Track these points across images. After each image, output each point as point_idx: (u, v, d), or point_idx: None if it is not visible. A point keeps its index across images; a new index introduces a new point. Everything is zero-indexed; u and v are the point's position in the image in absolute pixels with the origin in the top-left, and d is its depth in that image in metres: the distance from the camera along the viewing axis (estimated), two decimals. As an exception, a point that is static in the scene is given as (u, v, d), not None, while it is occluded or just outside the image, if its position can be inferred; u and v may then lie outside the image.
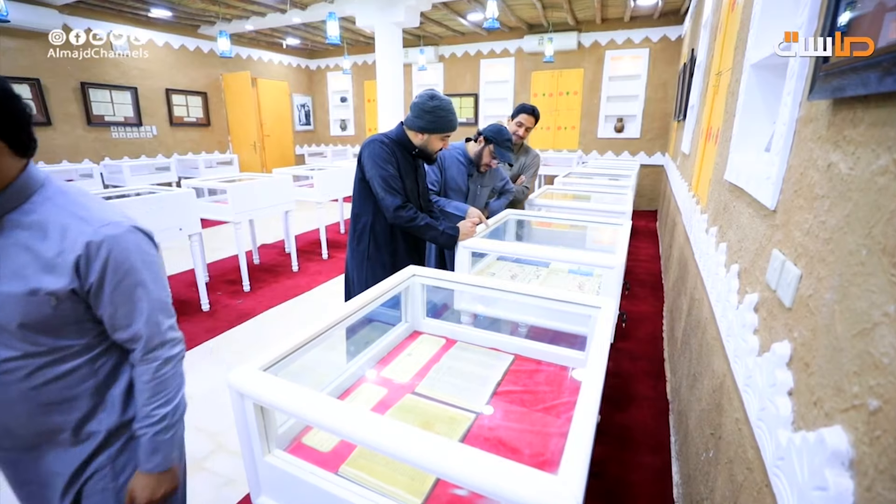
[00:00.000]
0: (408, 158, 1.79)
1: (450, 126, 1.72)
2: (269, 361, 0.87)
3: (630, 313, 3.23)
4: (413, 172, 1.83)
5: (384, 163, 1.68)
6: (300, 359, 1.00)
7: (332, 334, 1.06)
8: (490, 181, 2.39)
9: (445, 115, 1.70)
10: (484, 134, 2.13)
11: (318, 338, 1.01)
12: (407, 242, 1.86)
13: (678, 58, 6.33)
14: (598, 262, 1.42)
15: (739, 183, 1.28)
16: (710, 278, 1.54)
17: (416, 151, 1.78)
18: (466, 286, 1.24)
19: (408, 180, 1.77)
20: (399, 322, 1.35)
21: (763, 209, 1.03)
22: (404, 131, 1.77)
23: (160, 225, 2.88)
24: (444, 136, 1.75)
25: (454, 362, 1.17)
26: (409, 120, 1.75)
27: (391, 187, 1.67)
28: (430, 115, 1.68)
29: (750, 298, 0.99)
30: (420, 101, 1.70)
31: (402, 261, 1.84)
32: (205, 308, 3.27)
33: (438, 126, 1.70)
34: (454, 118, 1.73)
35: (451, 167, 2.21)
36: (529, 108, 2.65)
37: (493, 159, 2.15)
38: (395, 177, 1.68)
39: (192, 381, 2.41)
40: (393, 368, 1.16)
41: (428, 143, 1.76)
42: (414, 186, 1.83)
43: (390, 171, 1.68)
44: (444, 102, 1.69)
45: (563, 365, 1.17)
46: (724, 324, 1.21)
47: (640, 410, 2.14)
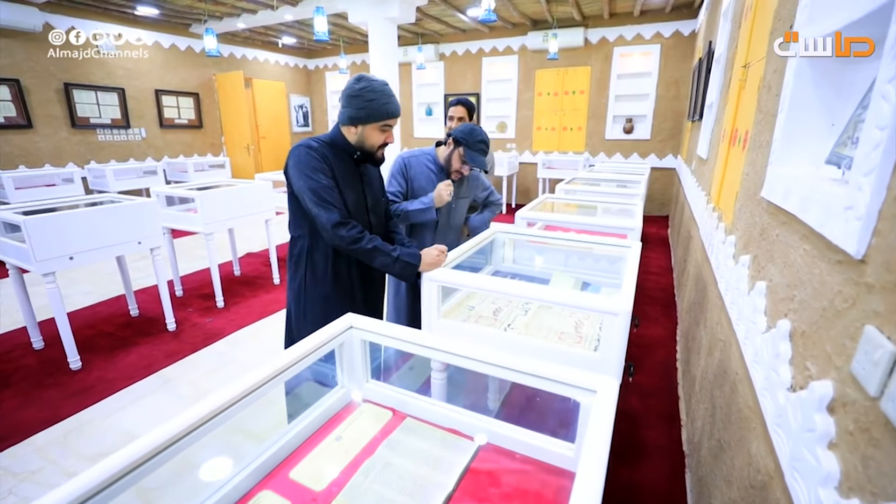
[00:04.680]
0: (348, 164, 1.46)
1: (386, 111, 1.38)
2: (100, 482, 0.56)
3: (639, 337, 2.88)
4: (357, 182, 1.49)
5: (313, 172, 1.35)
6: (176, 456, 0.69)
7: (227, 415, 0.75)
8: (468, 191, 2.05)
9: (378, 97, 1.36)
10: (454, 135, 1.81)
11: (196, 431, 0.70)
12: (355, 270, 1.53)
13: (692, 54, 5.95)
14: (598, 307, 1.09)
15: (788, 206, 0.95)
16: (741, 322, 1.21)
17: (357, 155, 1.45)
18: (419, 347, 0.92)
19: (349, 192, 1.44)
20: (335, 386, 1.04)
21: (837, 252, 0.69)
22: (340, 132, 1.44)
23: (115, 239, 2.60)
24: (382, 125, 1.41)
25: (394, 455, 0.86)
26: (339, 114, 1.42)
27: (325, 200, 1.34)
28: (359, 100, 1.36)
29: (820, 389, 0.66)
30: (346, 87, 1.38)
31: (347, 294, 1.52)
32: (170, 328, 2.99)
33: (371, 112, 1.37)
34: (391, 102, 1.40)
35: (418, 176, 1.88)
36: (457, 100, 2.42)
37: (463, 165, 1.82)
38: (328, 188, 1.36)
39: (136, 419, 2.15)
40: (310, 465, 0.85)
41: (365, 138, 1.42)
42: (359, 199, 1.49)
43: (322, 181, 1.36)
44: (375, 83, 1.37)
45: (544, 462, 0.84)
46: (768, 403, 0.88)
47: (650, 465, 1.81)
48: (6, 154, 5.24)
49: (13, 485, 1.72)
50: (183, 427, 0.68)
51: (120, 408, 2.19)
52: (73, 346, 2.49)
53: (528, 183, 7.69)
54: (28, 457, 1.86)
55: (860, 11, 0.75)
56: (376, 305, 1.68)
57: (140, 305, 3.31)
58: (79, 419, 2.09)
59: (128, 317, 3.22)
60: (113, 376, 2.45)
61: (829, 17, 0.90)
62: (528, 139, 7.57)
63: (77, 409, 2.16)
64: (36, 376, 2.45)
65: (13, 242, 2.40)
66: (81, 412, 2.14)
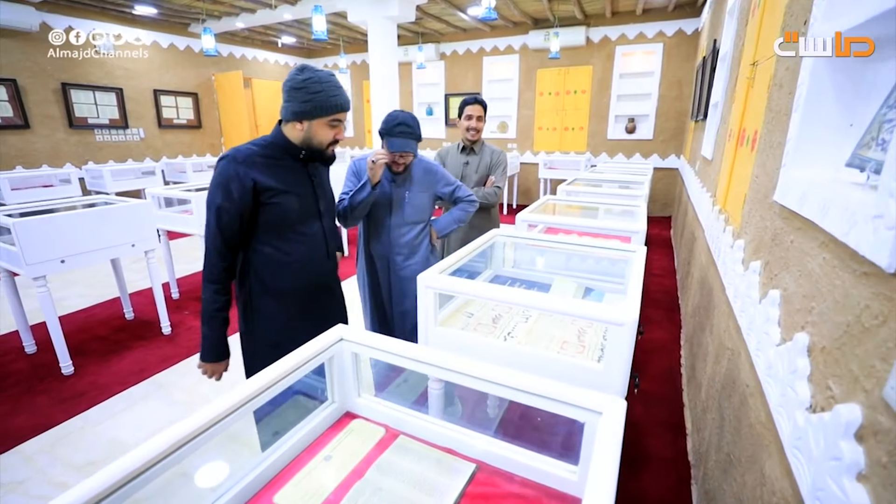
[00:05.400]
0: (294, 166, 1.33)
1: (334, 104, 1.25)
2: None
3: (642, 342, 2.82)
4: (306, 184, 1.36)
5: (216, 188, 1.22)
6: (155, 479, 0.64)
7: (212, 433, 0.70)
8: (423, 187, 1.83)
9: (325, 88, 1.23)
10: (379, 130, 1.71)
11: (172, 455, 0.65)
12: (305, 278, 1.41)
13: (695, 52, 5.89)
14: (602, 317, 1.04)
15: (804, 212, 0.89)
16: (751, 332, 1.16)
17: (304, 154, 1.32)
18: (413, 362, 0.87)
19: (295, 197, 1.31)
20: (325, 401, 0.98)
21: (863, 264, 0.64)
22: (282, 131, 1.31)
23: (108, 241, 2.55)
24: (330, 119, 1.27)
25: (385, 478, 0.80)
26: (282, 110, 1.29)
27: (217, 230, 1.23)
28: (303, 93, 1.23)
29: (846, 414, 0.60)
30: (288, 79, 1.25)
31: (296, 309, 1.41)
32: (165, 331, 2.94)
33: (318, 106, 1.24)
34: (340, 94, 1.27)
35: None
36: (472, 99, 2.32)
37: (392, 154, 1.67)
38: (227, 211, 1.22)
39: (127, 427, 2.09)
40: (296, 487, 0.80)
41: (312, 135, 1.28)
42: (308, 203, 1.37)
43: (219, 201, 1.21)
44: (320, 74, 1.25)
45: (546, 486, 0.79)
46: (784, 422, 0.82)
47: (655, 477, 1.75)
48: (3, 154, 5.21)
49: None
50: (160, 450, 0.62)
51: (112, 415, 2.14)
52: (65, 350, 2.44)
53: (529, 183, 7.64)
54: (15, 466, 1.81)
55: (884, 5, 0.69)
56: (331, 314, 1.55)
57: (135, 308, 3.26)
58: (69, 426, 2.05)
59: (122, 320, 3.17)
60: (106, 381, 2.40)
61: (848, 14, 0.85)
62: (529, 139, 7.51)
63: (68, 415, 2.11)
64: (27, 381, 2.40)
65: (3, 245, 2.35)
66: (72, 419, 2.09)
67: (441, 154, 2.52)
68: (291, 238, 1.35)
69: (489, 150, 2.44)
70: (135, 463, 0.60)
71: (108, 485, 0.56)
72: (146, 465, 0.61)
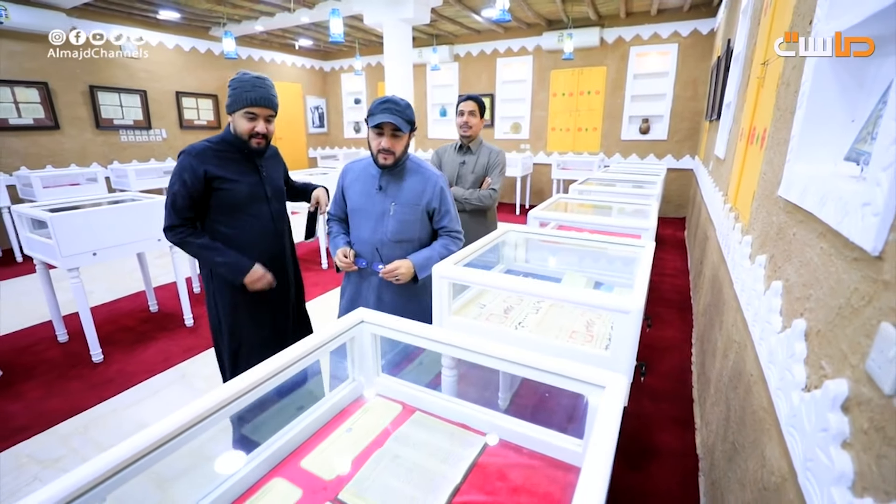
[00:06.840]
0: (240, 158, 1.57)
1: (246, 98, 1.45)
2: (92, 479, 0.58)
3: (654, 340, 2.84)
4: (253, 174, 1.59)
5: (174, 178, 1.48)
6: (190, 444, 0.71)
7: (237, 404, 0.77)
8: (414, 198, 1.55)
9: (242, 86, 1.44)
10: None
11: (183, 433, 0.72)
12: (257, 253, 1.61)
13: (710, 53, 5.85)
14: (609, 305, 1.09)
15: (805, 204, 0.93)
16: (756, 323, 1.19)
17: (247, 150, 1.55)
18: (429, 342, 0.93)
19: (242, 185, 1.56)
20: (345, 379, 1.05)
21: (854, 250, 0.68)
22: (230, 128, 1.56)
23: (135, 236, 2.68)
24: (245, 112, 1.47)
25: (403, 448, 0.87)
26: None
27: (171, 205, 1.49)
28: (229, 91, 1.47)
29: (834, 388, 0.65)
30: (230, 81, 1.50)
31: (264, 301, 1.65)
32: (188, 323, 3.06)
33: (235, 100, 1.46)
34: (255, 91, 1.45)
35: (354, 183, 1.60)
36: (465, 96, 2.31)
37: (379, 137, 1.46)
38: (181, 195, 1.48)
39: (153, 412, 2.20)
40: (320, 455, 0.86)
41: (235, 126, 1.51)
42: (256, 190, 1.60)
43: (175, 187, 1.48)
44: (246, 76, 1.46)
45: (552, 458, 0.84)
46: (782, 404, 0.86)
47: (663, 469, 1.78)
48: (34, 154, 5.43)
49: (37, 471, 1.78)
50: (191, 417, 0.69)
51: (138, 400, 2.25)
52: (95, 339, 2.57)
53: (542, 184, 7.65)
54: (52, 445, 1.92)
55: (884, 1, 0.73)
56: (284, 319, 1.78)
57: (159, 301, 3.39)
58: (99, 410, 2.16)
59: (147, 312, 3.30)
60: (132, 369, 2.51)
61: (849, 12, 0.89)
62: (542, 140, 7.53)
63: (98, 400, 2.23)
64: (60, 368, 2.53)
65: (40, 239, 2.49)
66: (102, 403, 2.20)
67: (438, 153, 2.46)
68: (241, 218, 1.58)
69: (487, 149, 2.36)
70: (168, 428, 0.67)
71: (137, 450, 0.63)
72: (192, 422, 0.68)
